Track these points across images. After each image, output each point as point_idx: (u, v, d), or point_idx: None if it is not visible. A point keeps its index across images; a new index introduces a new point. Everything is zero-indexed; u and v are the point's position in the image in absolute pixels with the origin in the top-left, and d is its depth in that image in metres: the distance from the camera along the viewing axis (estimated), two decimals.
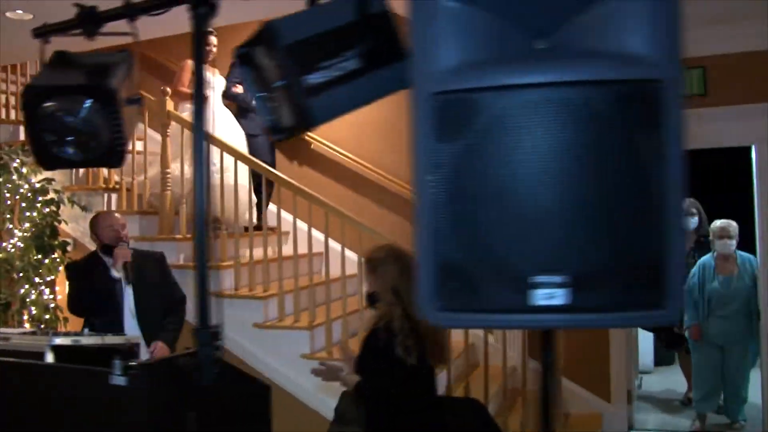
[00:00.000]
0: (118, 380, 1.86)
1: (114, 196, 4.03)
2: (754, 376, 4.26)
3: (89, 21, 1.84)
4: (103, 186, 4.06)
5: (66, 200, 3.87)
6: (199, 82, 1.66)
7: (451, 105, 1.10)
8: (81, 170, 4.14)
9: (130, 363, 1.86)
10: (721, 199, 5.07)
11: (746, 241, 4.30)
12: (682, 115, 1.09)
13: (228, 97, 4.50)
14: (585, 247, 1.07)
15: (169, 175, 3.87)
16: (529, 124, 1.06)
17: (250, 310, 3.60)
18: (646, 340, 5.49)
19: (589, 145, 1.05)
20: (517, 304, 1.09)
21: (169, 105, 3.89)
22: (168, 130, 3.90)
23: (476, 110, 1.08)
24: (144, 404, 1.87)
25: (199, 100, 1.70)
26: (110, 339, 2.41)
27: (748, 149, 4.18)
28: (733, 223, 4.24)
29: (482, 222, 1.08)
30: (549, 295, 1.08)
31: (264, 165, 3.85)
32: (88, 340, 2.32)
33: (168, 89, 3.97)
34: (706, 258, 4.31)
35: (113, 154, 1.78)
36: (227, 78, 4.52)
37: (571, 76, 1.06)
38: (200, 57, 1.73)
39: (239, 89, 4.42)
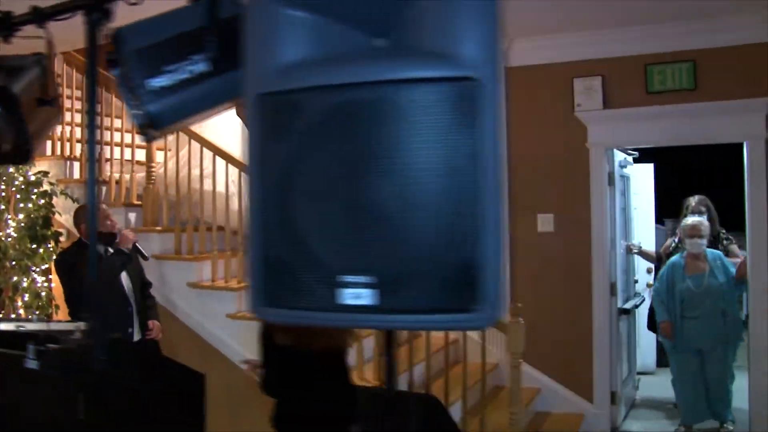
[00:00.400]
0: (31, 364, 1.97)
1: (104, 189, 4.21)
2: (740, 379, 4.12)
3: (2, 26, 1.94)
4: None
5: (58, 192, 4.07)
6: (92, 87, 1.73)
7: (276, 106, 1.12)
8: (76, 163, 4.34)
9: (42, 348, 1.96)
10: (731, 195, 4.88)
11: None
12: (499, 115, 1.07)
13: None
14: (395, 248, 1.06)
15: (153, 170, 4.02)
16: (348, 123, 1.07)
17: (224, 301, 3.70)
18: (648, 340, 5.35)
19: (404, 144, 1.04)
20: (330, 302, 1.11)
21: None
22: None
23: (300, 110, 1.10)
24: (55, 387, 1.97)
25: (93, 102, 1.76)
26: (56, 325, 2.53)
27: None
28: (705, 222, 4.11)
29: (303, 220, 1.10)
30: (356, 295, 1.09)
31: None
32: (33, 326, 2.45)
33: None
34: (676, 258, 4.17)
35: (20, 154, 1.88)
36: None
37: (387, 75, 1.06)
38: (94, 63, 1.79)
39: None
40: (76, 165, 4.34)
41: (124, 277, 3.32)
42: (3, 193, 3.94)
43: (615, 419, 4.27)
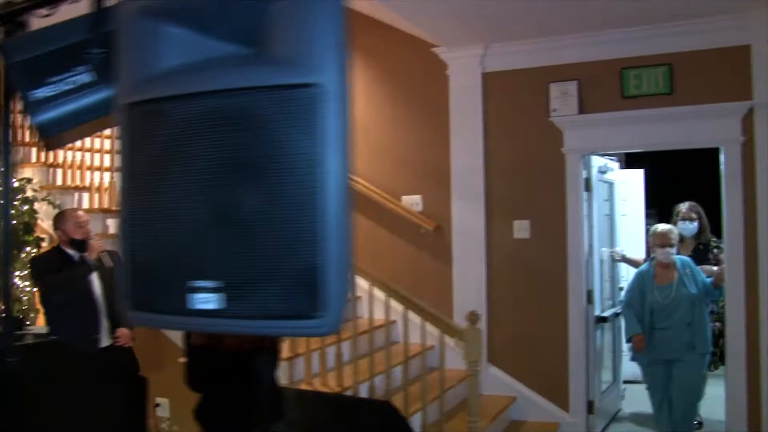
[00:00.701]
0: None
1: (85, 195, 4.30)
2: (718, 388, 4.02)
3: None
4: (74, 185, 4.34)
5: (39, 199, 4.17)
6: (6, 98, 1.77)
7: (142, 115, 1.15)
8: (59, 170, 4.44)
9: None
10: None
11: None
12: (342, 120, 1.08)
13: None
14: (243, 254, 1.08)
15: None
16: (197, 133, 1.09)
17: None
18: None
19: (255, 151, 1.06)
20: (183, 306, 1.13)
21: None
22: None
23: (163, 118, 1.13)
24: None
25: (6, 118, 1.80)
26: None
27: None
28: (675, 230, 3.93)
29: (164, 226, 1.13)
30: (204, 299, 1.11)
31: None
32: None
33: None
34: (644, 267, 3.98)
35: None
36: None
37: (240, 83, 1.08)
38: (8, 73, 1.83)
39: None
40: (59, 171, 4.44)
41: (96, 284, 3.36)
42: None
43: (592, 429, 4.20)
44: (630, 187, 5.51)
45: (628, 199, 5.41)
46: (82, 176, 4.35)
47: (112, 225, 4.17)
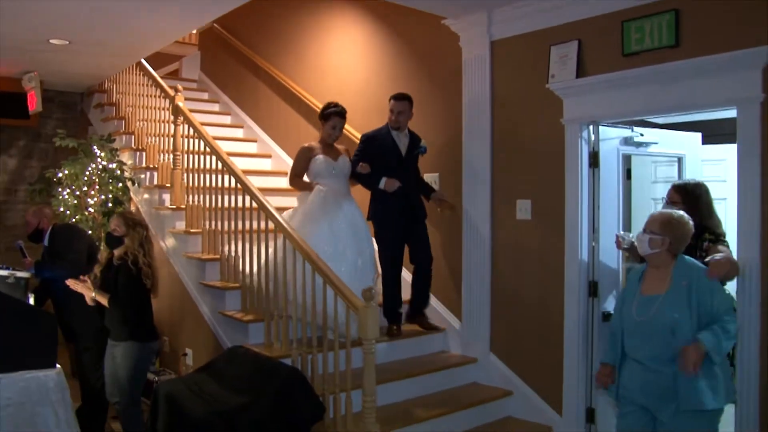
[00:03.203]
0: None
1: (155, 173, 5.12)
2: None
3: None
4: (145, 166, 5.21)
5: (125, 178, 5.11)
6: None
7: None
8: (143, 153, 5.33)
9: None
10: None
11: None
12: None
13: (354, 176, 4.12)
14: None
15: (179, 158, 4.78)
16: None
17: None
18: None
19: None
20: None
21: (180, 100, 4.77)
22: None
23: None
24: None
25: None
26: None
27: None
28: (675, 214, 2.68)
29: None
30: None
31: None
32: None
33: (180, 86, 4.89)
34: (640, 268, 2.81)
35: None
36: (354, 155, 4.14)
37: None
38: None
39: (366, 168, 4.02)
40: (144, 154, 5.35)
41: None
42: (93, 178, 5.11)
43: None
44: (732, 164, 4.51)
45: (729, 180, 4.42)
46: (154, 157, 5.19)
47: (167, 199, 4.92)
